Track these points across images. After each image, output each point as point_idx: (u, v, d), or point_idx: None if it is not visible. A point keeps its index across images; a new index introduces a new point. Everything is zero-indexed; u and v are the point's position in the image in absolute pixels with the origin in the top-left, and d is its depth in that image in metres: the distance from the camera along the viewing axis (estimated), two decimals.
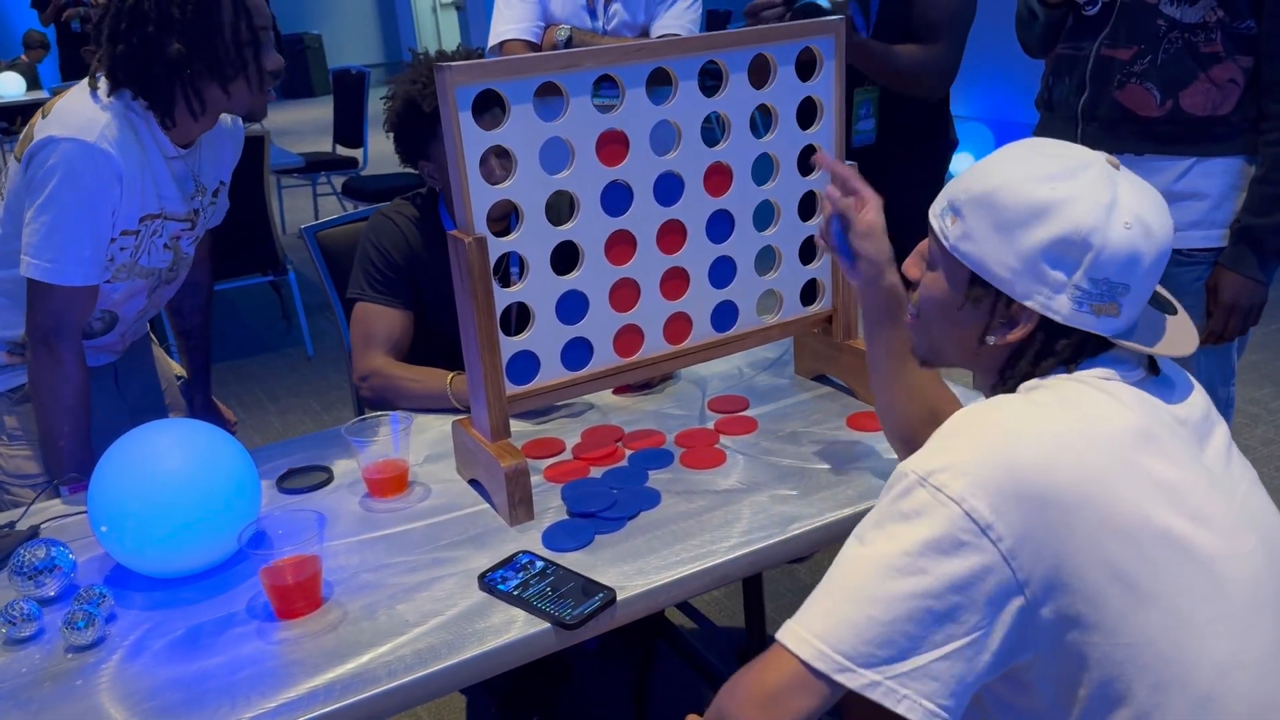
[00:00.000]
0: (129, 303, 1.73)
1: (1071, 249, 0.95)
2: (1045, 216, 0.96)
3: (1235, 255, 1.75)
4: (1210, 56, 1.70)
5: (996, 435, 0.93)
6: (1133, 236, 0.95)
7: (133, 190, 1.56)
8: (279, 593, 1.19)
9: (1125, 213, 0.96)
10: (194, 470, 1.26)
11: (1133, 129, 1.78)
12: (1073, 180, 0.97)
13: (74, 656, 1.16)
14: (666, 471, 1.47)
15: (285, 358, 4.41)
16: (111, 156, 1.51)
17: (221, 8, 1.51)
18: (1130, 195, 0.97)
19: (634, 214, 1.44)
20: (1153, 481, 0.91)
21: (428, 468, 1.53)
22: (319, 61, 13.16)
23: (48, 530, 1.42)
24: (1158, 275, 0.99)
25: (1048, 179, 0.97)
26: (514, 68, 1.28)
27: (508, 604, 1.19)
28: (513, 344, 1.40)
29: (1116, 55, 1.76)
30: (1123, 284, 0.96)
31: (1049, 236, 0.96)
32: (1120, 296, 0.97)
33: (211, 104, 1.58)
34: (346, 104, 5.96)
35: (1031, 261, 0.97)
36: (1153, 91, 1.73)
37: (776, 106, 1.50)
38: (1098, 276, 0.96)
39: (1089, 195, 0.96)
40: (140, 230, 1.62)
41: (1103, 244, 0.95)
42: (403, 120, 1.80)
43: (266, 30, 1.56)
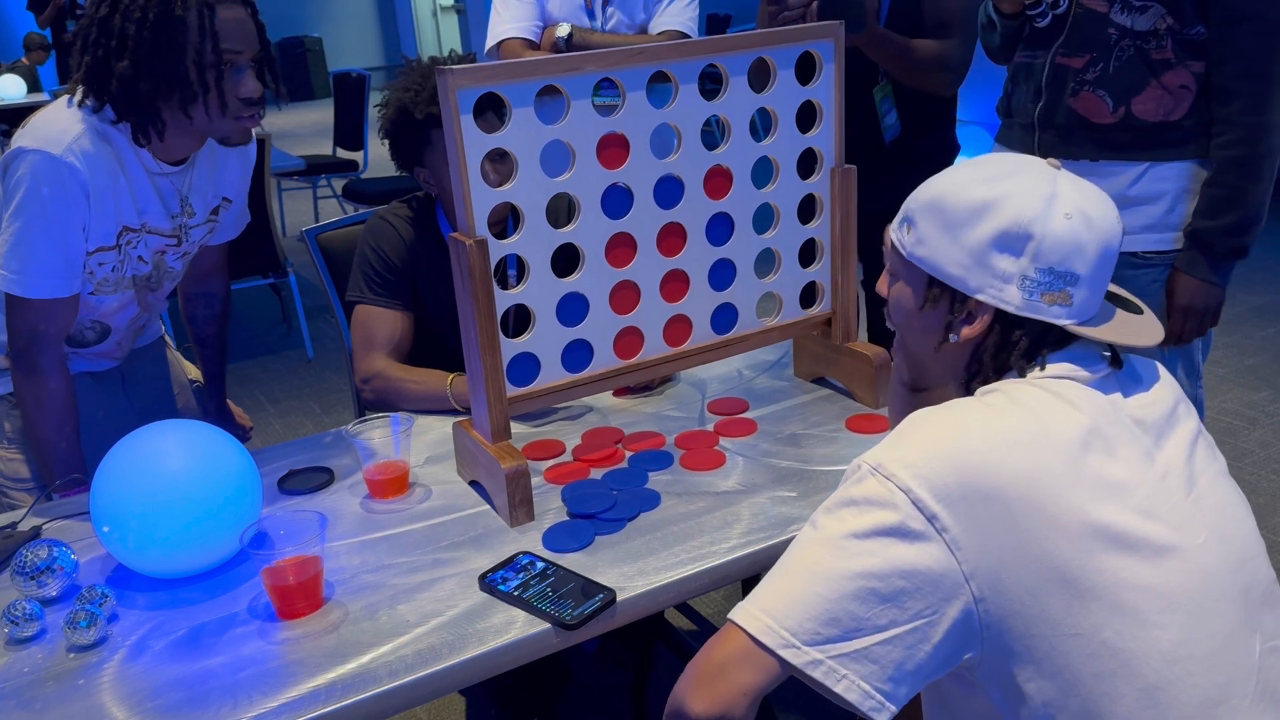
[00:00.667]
0: (121, 313, 1.72)
1: (1015, 240, 0.99)
2: (988, 212, 1.00)
3: (1188, 259, 1.77)
4: (1162, 63, 1.72)
5: (946, 432, 0.96)
6: (1074, 225, 0.99)
7: (104, 205, 1.54)
8: (280, 593, 1.19)
9: (1065, 204, 0.99)
10: (196, 471, 1.27)
11: (1087, 136, 1.80)
12: (1012, 178, 1.01)
13: (76, 656, 1.16)
14: (666, 473, 1.47)
15: (286, 360, 4.41)
16: (77, 170, 1.49)
17: (185, 29, 1.46)
18: (1071, 190, 1.01)
19: (634, 216, 1.45)
20: (1096, 479, 0.93)
21: (428, 469, 1.53)
22: (319, 64, 13.17)
23: (50, 531, 1.43)
24: (1107, 267, 1.02)
25: (987, 180, 1.02)
26: (515, 71, 1.29)
27: (508, 604, 1.19)
28: (513, 346, 1.40)
29: (1070, 64, 1.78)
30: (1069, 272, 0.99)
31: (993, 230, 1.00)
32: (1069, 285, 1.00)
33: (173, 126, 1.54)
34: (347, 107, 5.97)
35: (979, 256, 1.01)
36: (1105, 99, 1.76)
37: (776, 110, 1.51)
38: (1043, 265, 0.99)
39: (1028, 189, 1.00)
40: (120, 245, 1.60)
41: (1044, 233, 0.99)
42: (396, 128, 1.81)
43: (240, 55, 1.51)
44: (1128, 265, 1.81)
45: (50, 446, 1.60)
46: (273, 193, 4.26)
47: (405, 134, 1.81)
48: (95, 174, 1.51)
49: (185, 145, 1.60)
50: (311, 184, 6.14)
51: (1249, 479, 2.91)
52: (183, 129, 1.55)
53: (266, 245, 4.00)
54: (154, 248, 1.67)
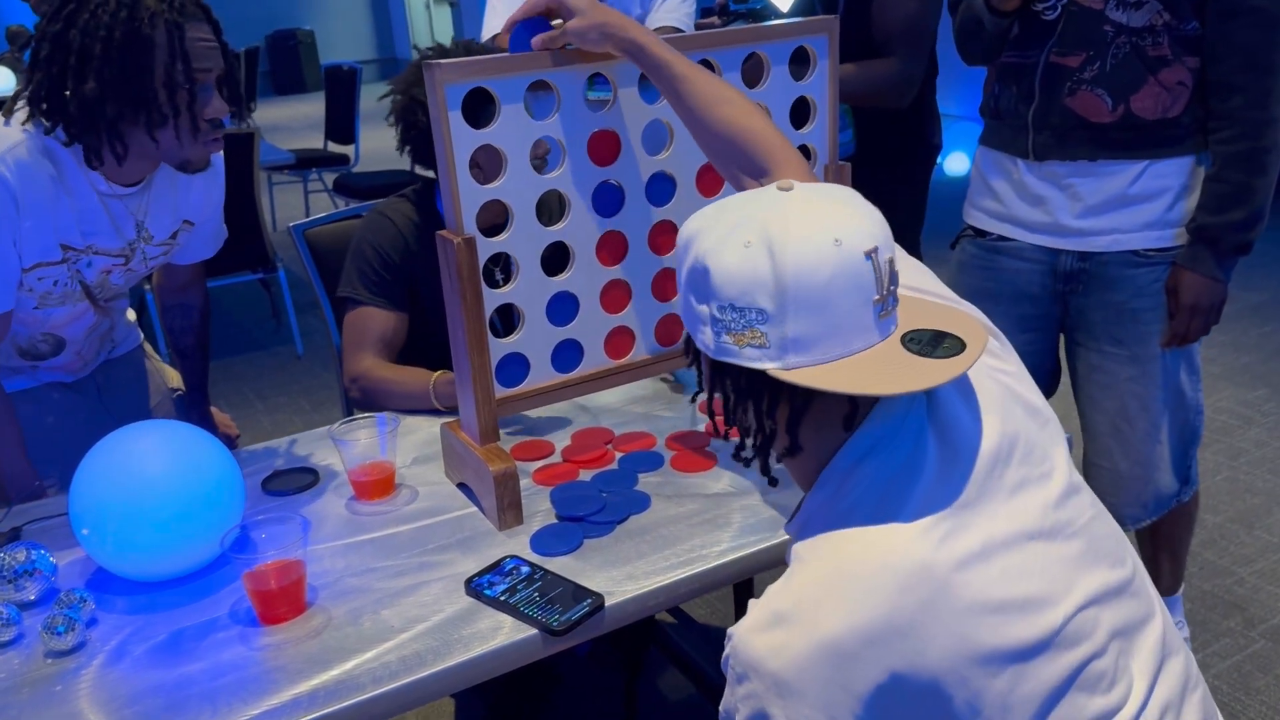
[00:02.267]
0: (75, 324, 1.65)
1: (698, 277, 0.91)
2: (687, 248, 0.93)
3: (1193, 255, 1.74)
4: (1158, 60, 1.70)
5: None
6: (750, 255, 0.87)
7: (39, 219, 1.44)
8: (262, 597, 1.17)
9: (749, 232, 0.88)
10: (176, 473, 1.24)
11: (1085, 136, 1.78)
12: (724, 211, 0.93)
13: (53, 662, 1.14)
14: (657, 474, 1.45)
15: (275, 356, 4.39)
16: (5, 180, 1.38)
17: (154, 48, 1.36)
18: (776, 215, 0.89)
19: (626, 214, 1.42)
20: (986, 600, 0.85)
21: (415, 470, 1.51)
22: (311, 57, 13.12)
23: (29, 533, 1.40)
24: (819, 298, 0.87)
25: (708, 213, 0.94)
26: (504, 66, 1.26)
27: (495, 609, 1.17)
28: (502, 346, 1.38)
29: (1065, 63, 1.76)
30: (752, 307, 0.88)
31: (686, 268, 0.93)
32: (758, 323, 0.88)
33: (136, 148, 1.43)
34: (338, 100, 5.94)
35: (684, 298, 0.95)
36: (1104, 97, 1.73)
37: (770, 105, 1.49)
38: (722, 302, 0.89)
39: (716, 222, 0.92)
40: (68, 259, 1.51)
41: (716, 266, 0.89)
42: (406, 113, 1.76)
43: (208, 74, 1.42)
44: (1129, 264, 1.80)
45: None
46: (262, 187, 4.22)
47: (419, 128, 1.76)
48: (28, 187, 1.41)
49: (140, 168, 1.51)
50: (302, 178, 6.10)
51: (1244, 478, 2.91)
52: (145, 153, 1.45)
53: (256, 241, 3.97)
54: (99, 268, 1.58)
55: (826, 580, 0.87)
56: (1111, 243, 1.80)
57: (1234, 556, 2.55)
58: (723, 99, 1.25)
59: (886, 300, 0.90)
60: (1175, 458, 1.90)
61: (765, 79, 1.47)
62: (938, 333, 0.92)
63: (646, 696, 2.22)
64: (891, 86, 2.16)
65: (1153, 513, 1.94)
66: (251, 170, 3.84)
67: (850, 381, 0.87)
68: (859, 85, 2.14)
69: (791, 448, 0.94)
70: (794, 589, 0.89)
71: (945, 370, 0.87)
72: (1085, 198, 1.80)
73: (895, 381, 0.87)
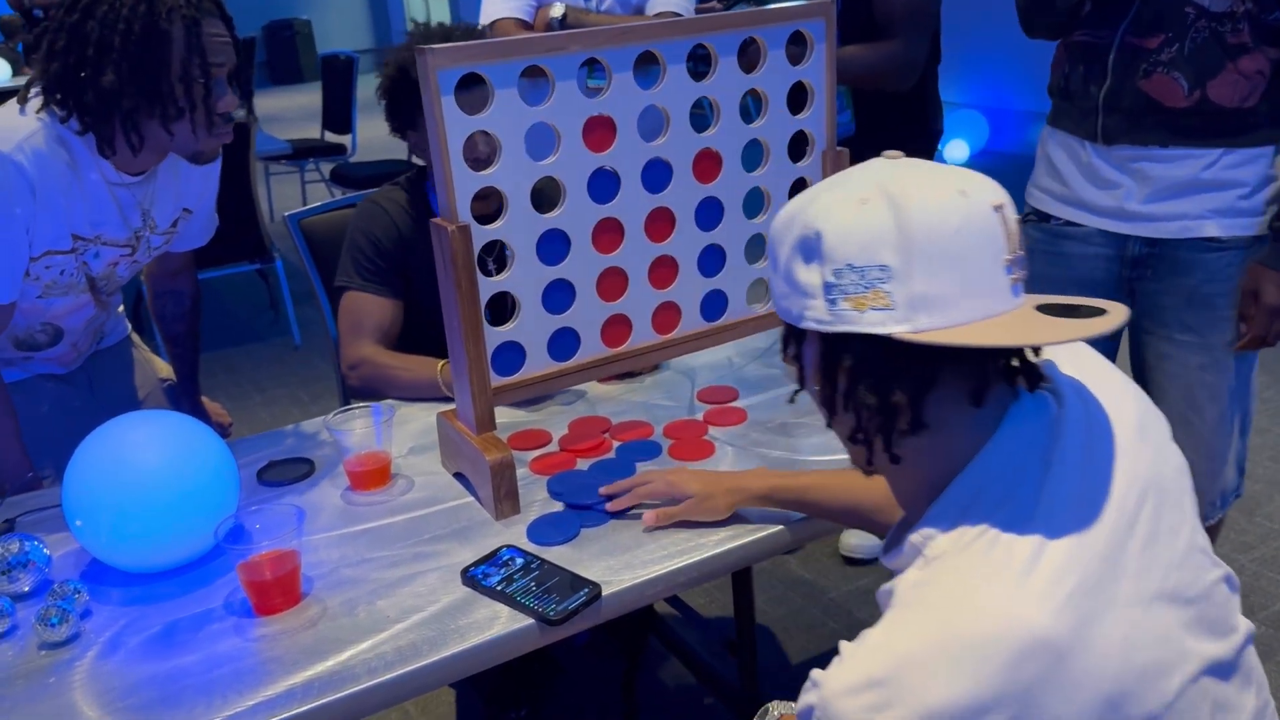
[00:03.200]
0: (74, 315, 1.65)
1: (807, 246, 0.84)
2: (790, 226, 0.86)
3: (1276, 254, 1.69)
4: (1238, 47, 1.65)
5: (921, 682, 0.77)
6: (869, 210, 0.81)
7: (53, 208, 1.46)
8: (257, 588, 1.17)
9: (866, 189, 0.82)
10: (170, 463, 1.24)
11: (1157, 120, 1.72)
12: (828, 188, 0.86)
13: (47, 654, 1.13)
14: (655, 463, 1.44)
15: (272, 347, 4.37)
16: (23, 169, 1.40)
17: (171, 42, 1.39)
18: (892, 176, 0.83)
19: (622, 201, 1.41)
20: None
21: (411, 460, 1.50)
22: (308, 46, 13.07)
23: (22, 524, 1.40)
24: (945, 252, 0.80)
25: (813, 190, 0.87)
26: (498, 50, 1.25)
27: (491, 599, 1.16)
28: (498, 334, 1.37)
29: (1142, 44, 1.70)
30: (874, 264, 0.80)
31: (791, 242, 0.85)
32: (881, 281, 0.80)
33: (151, 140, 1.47)
34: (335, 90, 5.91)
35: (788, 276, 0.86)
36: (1180, 81, 1.68)
37: (766, 91, 1.47)
38: (839, 265, 0.81)
39: (829, 190, 0.85)
40: (77, 248, 1.53)
41: (830, 228, 0.82)
42: (395, 85, 1.77)
43: (222, 69, 1.45)
44: (1201, 249, 1.75)
45: None
46: (259, 177, 4.21)
47: (402, 94, 1.77)
48: (44, 175, 1.43)
49: (151, 159, 1.54)
50: (299, 168, 6.08)
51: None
52: (159, 144, 1.49)
53: (252, 230, 3.95)
54: (106, 259, 1.60)
55: (935, 643, 0.78)
56: (1180, 229, 1.75)
57: (1235, 543, 2.55)
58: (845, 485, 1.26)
59: (1017, 262, 0.83)
60: (1238, 450, 1.87)
61: (762, 63, 1.45)
62: (1071, 305, 0.84)
63: (645, 686, 2.22)
64: (894, 68, 2.14)
65: (1220, 510, 1.89)
66: (248, 160, 3.83)
67: (986, 336, 0.79)
68: (861, 67, 2.12)
69: (915, 425, 0.85)
70: (896, 648, 0.80)
71: (1093, 326, 0.79)
72: (1154, 182, 1.75)
73: (1038, 333, 0.79)
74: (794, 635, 2.31)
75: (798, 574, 2.55)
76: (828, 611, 2.39)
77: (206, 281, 1.96)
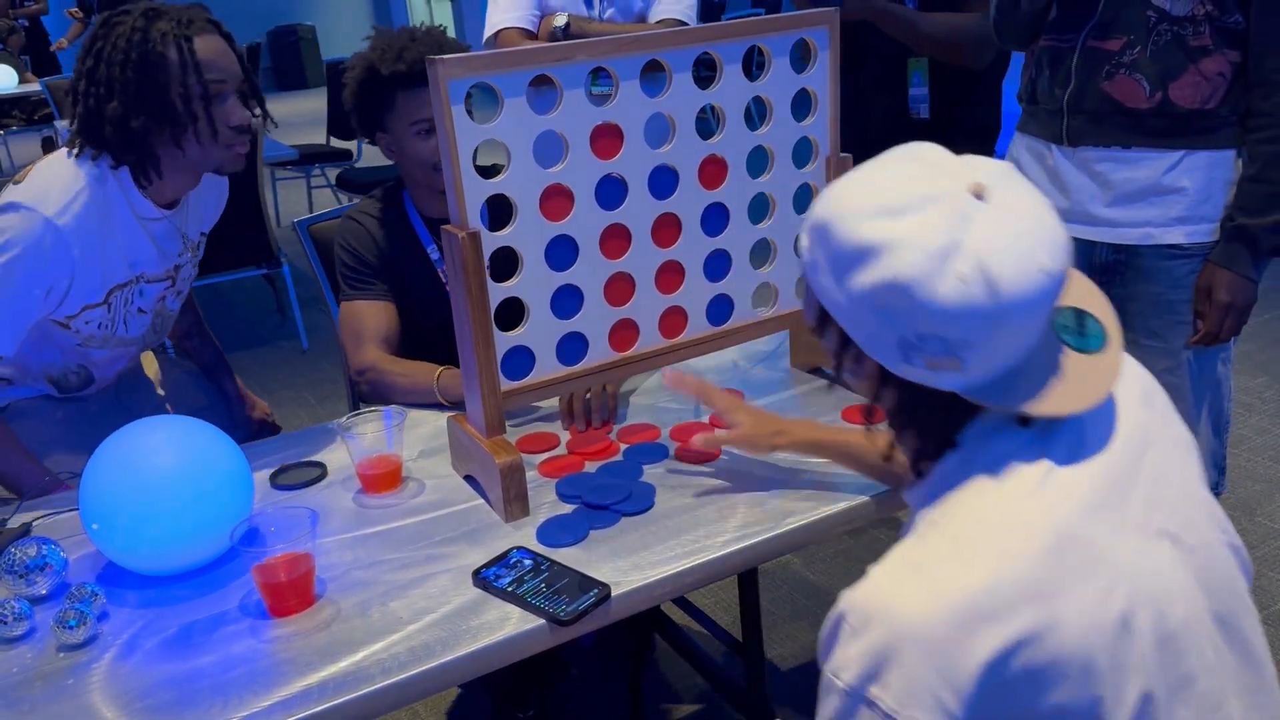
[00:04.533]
0: (108, 366, 1.73)
1: (894, 298, 0.83)
2: (868, 260, 0.84)
3: (1229, 253, 1.71)
4: (1199, 50, 1.68)
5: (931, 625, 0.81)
6: (968, 291, 0.81)
7: (89, 269, 1.55)
8: (272, 590, 1.18)
9: (964, 261, 0.81)
10: (186, 467, 1.25)
11: (1120, 122, 1.75)
12: (907, 218, 0.83)
13: (66, 655, 1.15)
14: (661, 466, 1.46)
15: (280, 351, 4.39)
16: (64, 234, 1.49)
17: (166, 65, 1.48)
18: (986, 236, 0.82)
19: (628, 207, 1.43)
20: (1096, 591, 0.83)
21: (422, 463, 1.52)
22: (312, 53, 13.09)
23: (39, 528, 1.42)
24: (1023, 326, 0.85)
25: (880, 214, 0.84)
26: (507, 60, 1.27)
27: (502, 600, 1.18)
28: (507, 339, 1.39)
29: (1105, 46, 1.73)
30: (961, 340, 0.83)
31: (871, 283, 0.84)
32: (959, 352, 0.84)
33: (168, 161, 1.56)
34: (340, 96, 5.92)
35: (859, 306, 0.87)
36: (1142, 83, 1.71)
37: (771, 98, 1.49)
38: (925, 332, 0.83)
39: (920, 239, 0.82)
40: (111, 302, 1.61)
41: (928, 298, 0.82)
42: (362, 88, 1.80)
43: (223, 84, 1.53)
44: (1164, 256, 1.78)
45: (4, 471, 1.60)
46: (266, 183, 4.23)
47: (370, 96, 1.79)
48: (85, 239, 1.52)
49: (182, 183, 1.62)
50: (305, 174, 6.10)
51: (1245, 465, 2.91)
52: (177, 163, 1.57)
53: (260, 235, 3.98)
54: (154, 296, 1.69)
55: (969, 535, 0.85)
56: (1144, 236, 1.78)
57: None
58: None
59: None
60: (1212, 448, 1.89)
61: (767, 72, 1.47)
62: (1077, 312, 0.93)
63: (651, 685, 2.23)
64: (973, 39, 2.12)
65: None
66: (255, 166, 3.85)
67: (1042, 404, 0.87)
68: (943, 31, 2.11)
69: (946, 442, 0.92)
70: (928, 547, 0.87)
71: (1107, 374, 0.90)
72: (1116, 185, 1.78)
73: (1079, 397, 0.87)
74: (799, 635, 2.33)
75: (802, 575, 2.56)
76: None
77: (214, 286, 1.98)
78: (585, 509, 1.36)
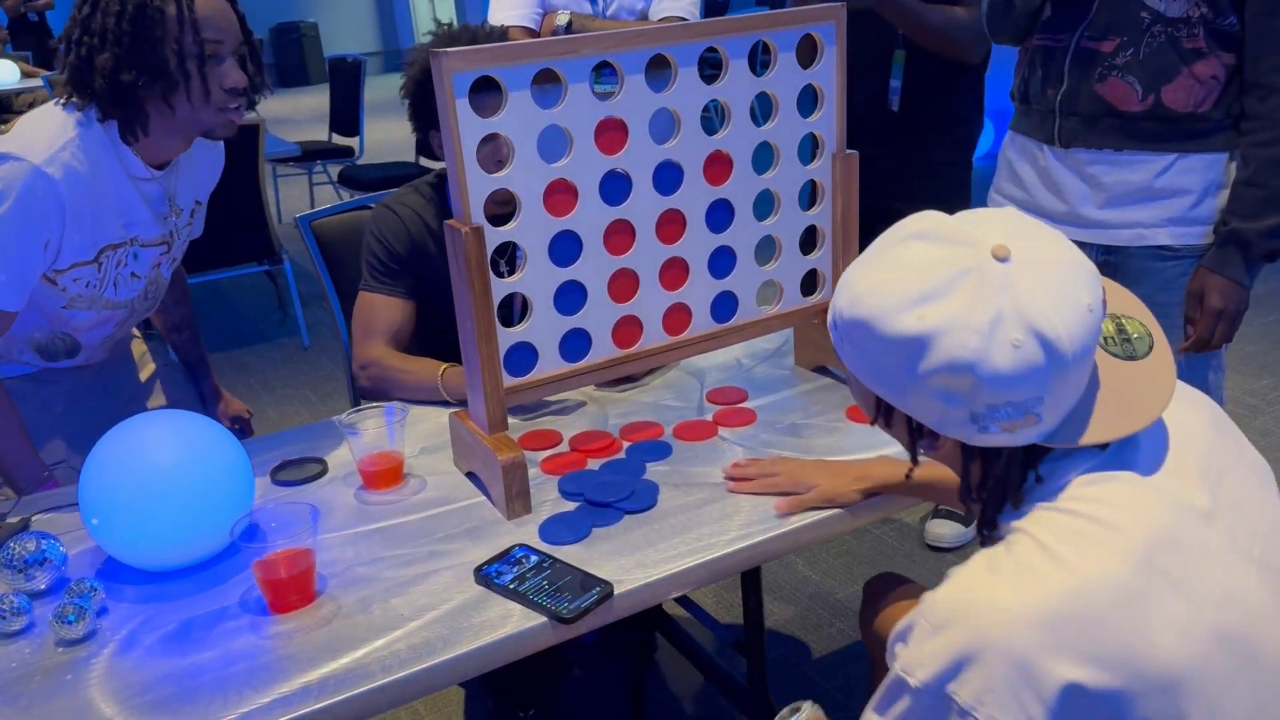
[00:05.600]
0: (93, 330, 1.69)
1: (955, 382, 0.85)
2: (920, 351, 0.86)
3: (1222, 258, 1.70)
4: (1193, 52, 1.66)
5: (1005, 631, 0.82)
6: (1024, 355, 0.83)
7: (81, 221, 1.51)
8: (272, 586, 1.17)
9: (1012, 328, 0.83)
10: (186, 462, 1.25)
11: (1113, 124, 1.74)
12: (944, 301, 0.85)
13: (64, 651, 1.14)
14: (664, 464, 1.45)
15: (281, 348, 4.39)
16: (55, 183, 1.46)
17: (164, 19, 1.45)
18: (1026, 296, 0.84)
19: (633, 203, 1.42)
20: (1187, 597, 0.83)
21: (423, 460, 1.51)
22: (315, 49, 13.09)
23: (39, 523, 1.41)
24: (1082, 366, 0.86)
25: (915, 304, 0.86)
26: (512, 53, 1.26)
27: (504, 598, 1.17)
28: (510, 335, 1.38)
29: (1098, 48, 1.73)
30: (1031, 398, 0.85)
31: (928, 372, 0.86)
32: (1033, 408, 0.86)
33: (157, 119, 1.52)
34: (343, 92, 5.92)
35: (921, 395, 0.88)
36: (1135, 85, 1.70)
37: (777, 94, 1.48)
38: (994, 402, 0.85)
39: (963, 319, 0.84)
40: (101, 262, 1.58)
41: (991, 373, 0.84)
42: (420, 86, 1.77)
43: (220, 45, 1.50)
44: (1154, 258, 1.77)
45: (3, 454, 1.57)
46: (267, 179, 4.22)
47: (427, 94, 1.77)
48: (75, 189, 1.48)
49: (171, 144, 1.58)
50: (307, 170, 6.09)
51: None
52: (166, 122, 1.53)
53: (261, 232, 3.97)
54: (149, 262, 1.66)
55: (1055, 542, 0.85)
56: (1135, 237, 1.78)
57: None
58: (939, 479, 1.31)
59: None
60: None
61: (773, 67, 1.46)
62: (1113, 318, 0.95)
63: (653, 684, 2.23)
64: (970, 34, 2.13)
65: None
66: (256, 162, 3.84)
67: (1113, 429, 0.88)
68: (944, 24, 2.11)
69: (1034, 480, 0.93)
70: (1016, 552, 0.87)
71: (1163, 381, 0.92)
72: (1109, 188, 1.78)
73: (1142, 412, 0.89)
74: (801, 635, 2.32)
75: (805, 575, 2.56)
76: (835, 612, 2.39)
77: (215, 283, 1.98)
78: (588, 506, 1.35)
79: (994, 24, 1.89)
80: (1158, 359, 0.93)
